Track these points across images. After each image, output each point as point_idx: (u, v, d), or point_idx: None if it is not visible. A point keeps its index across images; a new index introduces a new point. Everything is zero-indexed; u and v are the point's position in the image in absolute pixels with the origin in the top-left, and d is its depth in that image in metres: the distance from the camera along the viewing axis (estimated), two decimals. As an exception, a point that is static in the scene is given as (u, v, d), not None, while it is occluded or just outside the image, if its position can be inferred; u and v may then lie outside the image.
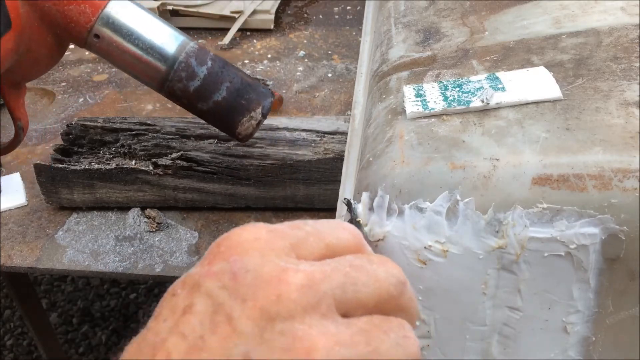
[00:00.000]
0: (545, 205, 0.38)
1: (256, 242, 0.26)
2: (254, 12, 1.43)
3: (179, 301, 0.26)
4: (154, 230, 0.83)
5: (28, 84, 1.24)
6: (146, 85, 0.72)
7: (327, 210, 0.84)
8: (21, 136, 0.75)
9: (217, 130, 0.86)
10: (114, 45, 0.65)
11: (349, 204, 0.42)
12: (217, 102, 0.69)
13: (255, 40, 1.38)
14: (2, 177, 0.94)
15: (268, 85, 1.18)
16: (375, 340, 0.25)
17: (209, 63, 0.69)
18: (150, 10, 1.41)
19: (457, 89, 0.47)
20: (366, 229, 0.41)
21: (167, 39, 0.68)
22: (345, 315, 0.26)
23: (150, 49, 0.67)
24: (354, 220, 0.40)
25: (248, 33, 1.42)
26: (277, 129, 0.86)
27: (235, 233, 0.27)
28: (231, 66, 0.71)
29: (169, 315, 0.26)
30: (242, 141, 0.76)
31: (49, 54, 0.64)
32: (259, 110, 0.69)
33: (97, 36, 0.63)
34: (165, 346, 0.24)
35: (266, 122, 0.88)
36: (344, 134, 0.83)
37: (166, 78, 0.68)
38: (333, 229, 0.28)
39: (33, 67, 0.66)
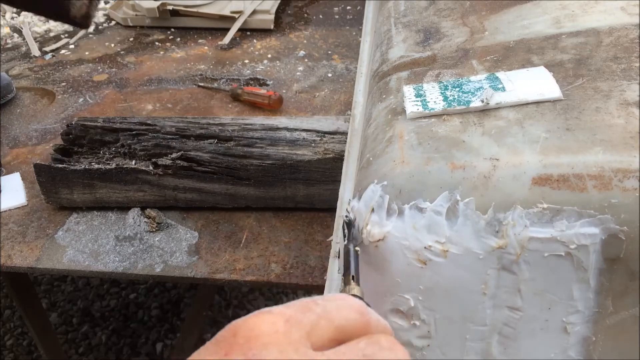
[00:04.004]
0: (545, 205, 0.38)
1: (274, 335, 0.26)
2: (254, 12, 1.43)
3: None
4: (154, 230, 0.83)
5: (28, 83, 1.24)
6: None
7: (327, 210, 0.84)
8: None
9: (217, 130, 0.86)
10: None
11: (349, 224, 0.42)
12: None
13: (255, 40, 1.38)
14: (2, 177, 0.94)
15: (268, 85, 1.18)
16: None
17: None
18: (150, 9, 1.41)
19: (457, 89, 0.47)
20: (366, 229, 0.41)
21: None
22: None
23: None
24: (352, 248, 0.40)
25: (248, 33, 1.42)
26: (277, 129, 0.86)
27: (253, 323, 0.27)
28: None
29: None
30: (83, 26, 0.67)
31: None
32: None
33: None
34: None
35: (266, 122, 0.88)
36: (344, 134, 0.83)
37: None
38: (340, 309, 0.29)
39: None
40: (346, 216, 0.43)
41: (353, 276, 0.37)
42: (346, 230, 0.42)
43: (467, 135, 0.42)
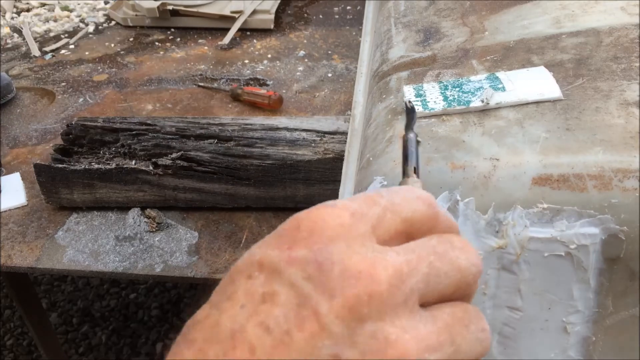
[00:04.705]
0: (545, 205, 0.38)
1: (340, 228, 0.25)
2: (254, 12, 1.43)
3: (257, 286, 0.24)
4: (154, 230, 0.83)
5: (28, 83, 1.24)
6: None
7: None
8: None
9: (217, 130, 0.86)
10: None
11: (411, 110, 0.38)
12: None
13: (255, 40, 1.38)
14: (2, 177, 0.94)
15: (268, 85, 1.18)
16: (458, 337, 0.25)
17: None
18: (150, 9, 1.41)
19: (457, 89, 0.47)
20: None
21: None
22: (423, 304, 0.25)
23: None
24: (415, 137, 0.37)
25: (248, 33, 1.42)
26: (277, 129, 0.86)
27: (317, 215, 0.25)
28: None
29: (246, 300, 0.23)
30: None
31: None
32: None
33: None
34: (247, 337, 0.22)
35: (266, 122, 0.88)
36: (344, 134, 0.83)
37: None
38: (408, 201, 0.27)
39: None
40: (409, 101, 0.39)
41: (415, 168, 0.34)
42: (407, 117, 0.38)
43: (467, 135, 0.42)
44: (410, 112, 0.38)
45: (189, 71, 1.25)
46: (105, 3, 1.60)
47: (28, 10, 1.60)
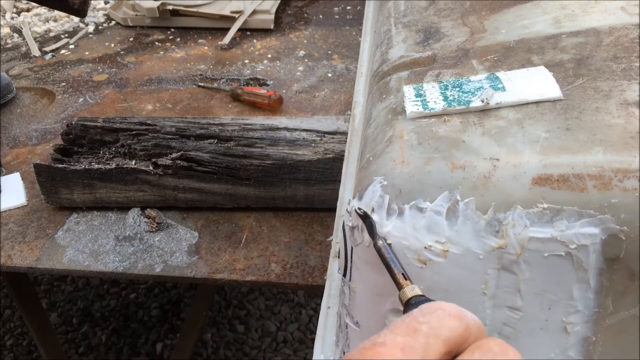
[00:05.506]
0: (545, 205, 0.38)
1: None
2: (254, 12, 1.43)
3: None
4: (154, 230, 0.83)
5: (28, 83, 1.24)
6: None
7: (327, 210, 0.84)
8: None
9: (217, 130, 0.86)
10: None
11: (365, 217, 0.40)
12: None
13: (255, 40, 1.38)
14: (2, 177, 0.94)
15: (268, 85, 1.18)
16: None
17: None
18: (150, 9, 1.41)
19: (457, 89, 0.47)
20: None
21: None
22: None
23: None
24: (384, 242, 0.38)
25: (248, 33, 1.42)
26: (277, 129, 0.86)
27: (372, 356, 0.27)
28: None
29: None
30: (80, 15, 0.78)
31: None
32: None
33: None
34: None
35: (266, 122, 0.88)
36: (344, 134, 0.83)
37: None
38: (443, 321, 0.30)
39: None
40: (359, 208, 0.40)
41: (403, 274, 0.35)
42: (366, 226, 0.39)
43: (467, 135, 0.42)
44: (365, 219, 0.39)
45: (189, 71, 1.25)
46: (105, 3, 1.60)
47: (28, 10, 1.60)
